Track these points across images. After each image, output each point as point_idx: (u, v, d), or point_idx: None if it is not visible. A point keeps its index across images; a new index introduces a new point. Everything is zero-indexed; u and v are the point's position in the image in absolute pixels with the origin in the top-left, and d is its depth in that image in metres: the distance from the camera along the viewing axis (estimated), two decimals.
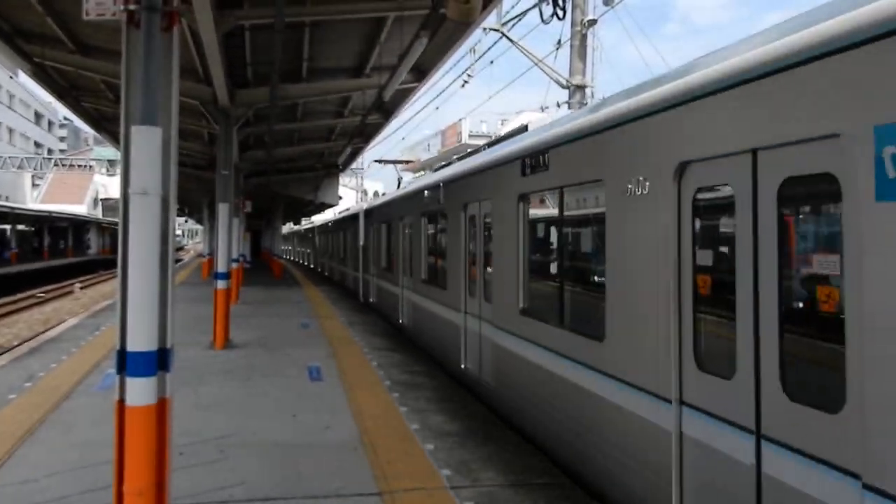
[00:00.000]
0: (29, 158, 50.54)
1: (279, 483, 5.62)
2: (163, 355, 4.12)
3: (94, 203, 77.10)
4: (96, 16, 4.30)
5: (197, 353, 11.49)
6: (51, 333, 14.14)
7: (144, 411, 4.00)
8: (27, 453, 6.25)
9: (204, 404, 8.09)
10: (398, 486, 5.56)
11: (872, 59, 3.09)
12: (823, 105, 3.34)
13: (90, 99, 16.35)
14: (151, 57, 4.08)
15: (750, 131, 3.83)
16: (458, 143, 50.57)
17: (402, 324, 14.52)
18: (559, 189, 6.46)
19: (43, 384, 8.98)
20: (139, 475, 3.99)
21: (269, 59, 11.26)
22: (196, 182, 29.21)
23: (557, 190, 6.50)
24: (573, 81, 13.88)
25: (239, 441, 6.72)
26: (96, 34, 11.72)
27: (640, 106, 4.95)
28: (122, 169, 4.12)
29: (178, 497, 5.18)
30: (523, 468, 6.05)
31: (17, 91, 65.93)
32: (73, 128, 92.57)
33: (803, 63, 3.47)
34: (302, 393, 8.73)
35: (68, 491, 5.37)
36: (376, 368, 10.32)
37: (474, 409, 8.07)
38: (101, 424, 7.08)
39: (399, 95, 15.61)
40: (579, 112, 6.62)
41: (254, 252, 52.03)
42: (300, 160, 27.80)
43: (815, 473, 3.38)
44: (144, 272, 4.01)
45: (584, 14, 13.59)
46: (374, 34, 12.04)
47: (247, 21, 10.31)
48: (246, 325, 14.95)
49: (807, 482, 3.42)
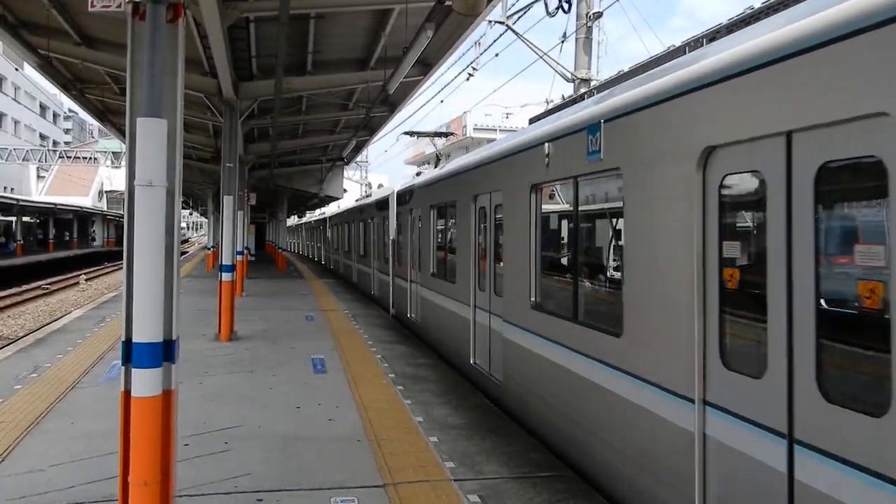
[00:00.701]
0: (34, 150, 50.71)
1: (283, 474, 5.64)
2: (168, 346, 4.13)
3: (99, 195, 77.29)
4: (101, 7, 4.29)
5: (202, 344, 11.53)
6: (57, 324, 14.20)
7: (150, 402, 4.01)
8: (33, 444, 6.28)
9: (209, 396, 8.12)
10: (402, 479, 5.58)
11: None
12: (869, 81, 3.06)
13: (95, 91, 16.37)
14: (156, 49, 4.07)
15: (784, 112, 3.57)
16: (463, 136, 50.51)
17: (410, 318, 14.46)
18: (574, 179, 6.24)
19: (49, 375, 9.02)
20: (144, 466, 4.00)
21: (273, 51, 11.23)
22: (201, 175, 29.28)
23: (572, 180, 6.27)
24: (578, 75, 13.83)
25: (244, 432, 6.74)
26: (101, 26, 11.73)
27: (661, 90, 4.71)
28: (128, 161, 4.12)
29: (183, 488, 5.20)
30: (527, 461, 6.05)
31: (22, 83, 66.00)
32: (78, 120, 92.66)
33: (847, 37, 3.20)
34: (306, 385, 8.75)
35: (74, 481, 5.40)
36: (380, 361, 10.34)
37: (478, 401, 8.08)
38: (106, 415, 7.11)
39: (404, 88, 15.58)
40: (590, 100, 6.40)
41: (258, 245, 52.15)
42: (305, 153, 27.81)
43: (853, 481, 3.15)
44: (150, 264, 4.02)
45: (589, 7, 13.54)
46: (379, 27, 12.02)
47: (252, 13, 10.31)
48: (250, 317, 14.98)
49: (843, 490, 3.20)
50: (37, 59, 12.64)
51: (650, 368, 4.83)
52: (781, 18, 3.85)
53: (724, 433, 4.05)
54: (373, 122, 20.65)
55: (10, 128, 62.94)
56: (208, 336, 12.29)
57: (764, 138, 3.74)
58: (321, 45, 12.86)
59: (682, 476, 4.40)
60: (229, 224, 13.17)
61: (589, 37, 13.72)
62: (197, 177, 29.91)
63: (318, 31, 11.99)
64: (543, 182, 6.94)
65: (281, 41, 10.07)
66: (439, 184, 11.66)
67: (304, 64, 13.82)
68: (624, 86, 5.62)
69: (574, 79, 13.97)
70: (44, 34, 11.72)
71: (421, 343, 12.28)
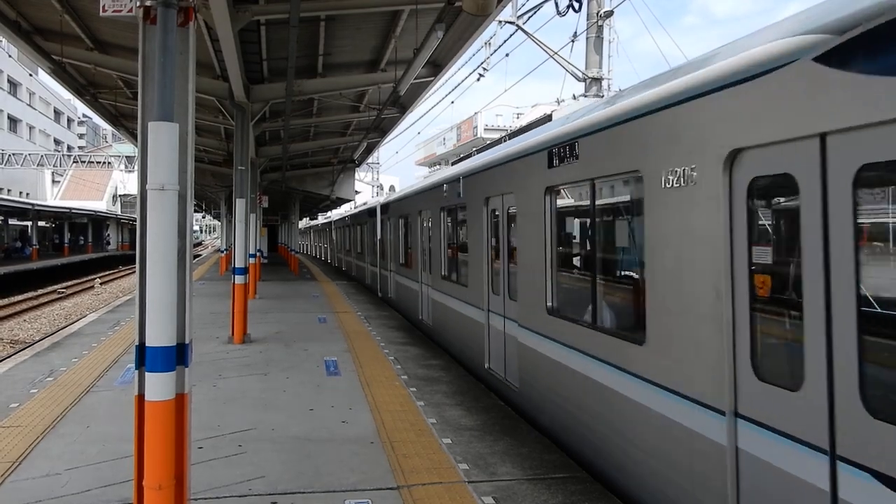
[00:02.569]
0: (49, 155, 51.06)
1: (298, 477, 5.64)
2: (181, 350, 4.14)
3: (114, 199, 77.92)
4: (113, 12, 4.31)
5: (215, 347, 11.58)
6: (72, 328, 14.29)
7: (163, 406, 4.02)
8: (49, 447, 6.32)
9: (222, 399, 8.15)
10: (416, 481, 5.56)
11: None
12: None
13: (108, 96, 16.48)
14: (168, 52, 4.08)
15: (817, 112, 3.44)
16: (474, 136, 50.49)
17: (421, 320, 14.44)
18: (590, 182, 6.10)
19: (64, 379, 9.08)
20: (159, 469, 4.01)
21: (284, 54, 11.27)
22: (213, 178, 29.38)
23: (588, 182, 6.13)
24: (589, 74, 13.79)
25: (257, 435, 6.75)
26: (113, 31, 11.80)
27: (686, 87, 4.59)
28: (140, 164, 4.13)
29: (198, 491, 5.22)
30: (541, 462, 6.02)
31: (36, 89, 66.62)
32: (92, 125, 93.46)
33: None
34: (319, 387, 8.75)
35: (89, 485, 5.42)
36: (393, 363, 10.33)
37: (491, 403, 8.05)
38: (121, 419, 7.15)
39: (415, 89, 15.58)
40: (610, 97, 6.24)
41: (270, 247, 52.34)
42: (316, 155, 27.87)
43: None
44: (163, 267, 4.02)
45: (599, 5, 13.49)
46: (389, 28, 12.02)
47: (262, 16, 10.33)
48: (263, 319, 15.03)
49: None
50: (50, 64, 12.75)
51: (676, 378, 4.66)
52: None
53: (759, 448, 3.89)
54: (384, 123, 20.66)
55: (24, 133, 63.50)
56: (222, 339, 12.34)
57: (799, 140, 3.65)
58: (332, 47, 12.88)
59: (712, 489, 4.26)
60: (242, 227, 13.22)
61: (600, 35, 13.67)
62: (209, 180, 30.02)
63: (329, 33, 12.01)
64: (559, 184, 6.84)
65: (291, 44, 10.09)
66: (450, 185, 11.60)
67: (314, 66, 13.85)
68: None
69: (585, 78, 13.92)
70: (57, 40, 11.82)
71: (433, 344, 12.26)
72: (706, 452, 4.31)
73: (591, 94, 13.70)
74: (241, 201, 13.35)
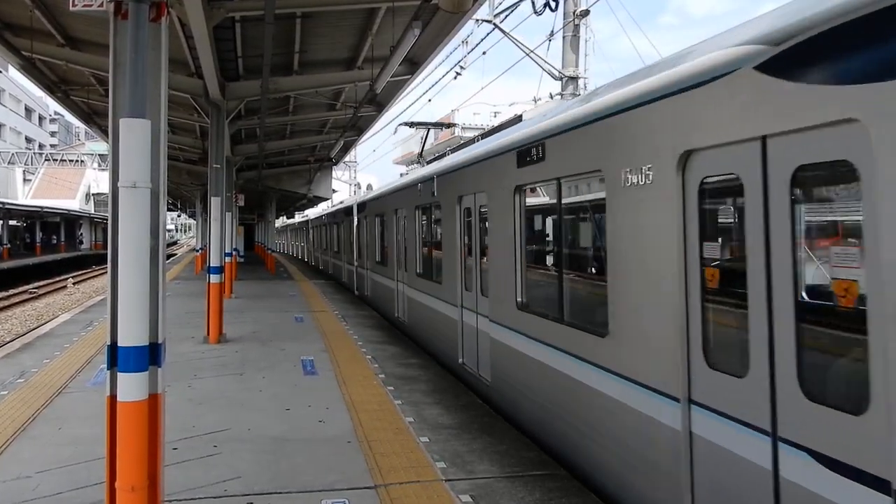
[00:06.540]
0: (20, 153, 50.28)
1: (274, 477, 5.60)
2: (154, 350, 4.08)
3: (87, 198, 76.75)
4: (83, 7, 4.24)
5: (191, 347, 11.45)
6: (43, 329, 14.06)
7: (136, 407, 3.96)
8: (20, 450, 6.21)
9: (198, 399, 8.06)
10: (393, 480, 5.55)
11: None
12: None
13: (80, 93, 16.25)
14: (139, 48, 4.02)
15: (759, 117, 3.67)
16: (451, 135, 50.50)
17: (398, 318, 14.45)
18: (556, 181, 6.33)
19: (35, 380, 8.92)
20: (131, 471, 3.95)
21: (260, 51, 11.18)
22: (189, 176, 29.12)
23: (555, 182, 6.36)
24: (566, 73, 13.85)
25: (233, 435, 6.69)
26: (85, 27, 11.62)
27: (643, 92, 4.79)
28: (111, 162, 4.08)
29: (173, 492, 5.16)
30: (519, 460, 6.04)
31: (6, 86, 65.47)
32: (64, 122, 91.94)
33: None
34: (296, 387, 8.70)
35: (61, 487, 5.33)
36: (371, 362, 10.29)
37: (469, 401, 8.06)
38: (93, 420, 7.04)
39: (392, 87, 15.55)
40: (577, 100, 6.47)
41: (247, 246, 51.95)
42: (293, 153, 27.71)
43: (838, 479, 3.20)
44: (135, 266, 3.97)
45: (576, 4, 13.55)
46: (366, 26, 11.97)
47: (237, 13, 10.24)
48: (240, 319, 14.90)
49: (830, 488, 3.25)
50: (20, 60, 12.54)
51: (635, 368, 4.89)
52: None
53: (710, 431, 4.12)
54: (361, 121, 20.59)
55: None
56: (197, 339, 12.21)
57: (743, 142, 3.84)
58: (308, 44, 12.80)
59: (670, 472, 4.47)
60: (217, 225, 13.09)
61: (576, 35, 13.74)
62: (185, 178, 29.75)
63: (305, 30, 11.93)
64: (527, 183, 7.01)
65: (267, 41, 10.02)
66: (424, 184, 11.65)
67: (290, 64, 13.75)
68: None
69: (562, 77, 13.98)
70: (27, 36, 11.62)
71: (410, 343, 12.25)
72: (664, 438, 4.54)
73: (568, 93, 13.77)
74: (217, 199, 13.23)
